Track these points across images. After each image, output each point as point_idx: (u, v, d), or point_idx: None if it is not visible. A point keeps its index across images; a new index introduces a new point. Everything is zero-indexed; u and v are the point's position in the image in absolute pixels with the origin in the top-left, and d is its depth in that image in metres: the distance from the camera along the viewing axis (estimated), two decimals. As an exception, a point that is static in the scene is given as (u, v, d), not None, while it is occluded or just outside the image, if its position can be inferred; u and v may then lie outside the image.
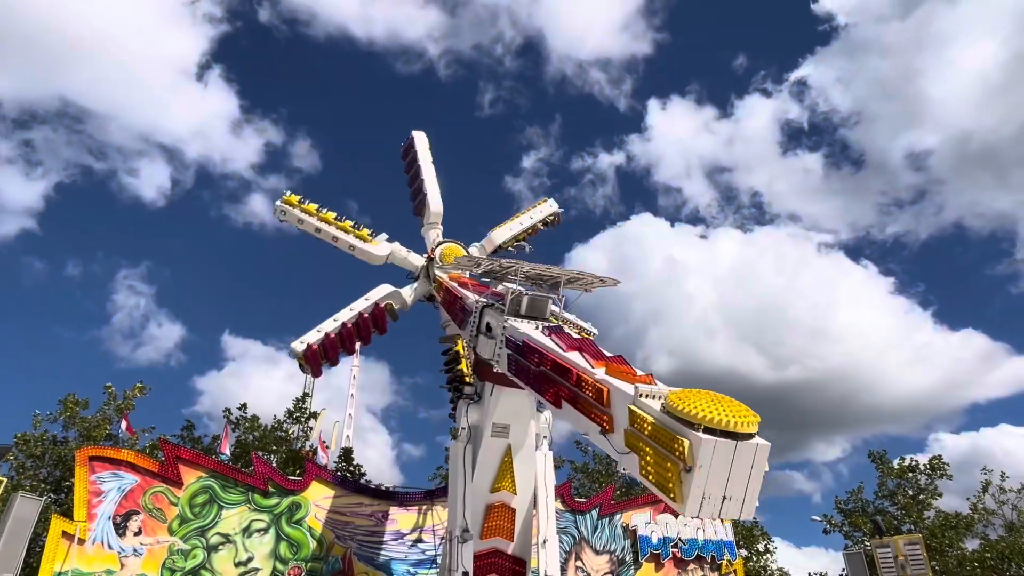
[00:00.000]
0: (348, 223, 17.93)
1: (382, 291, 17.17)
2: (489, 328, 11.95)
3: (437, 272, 16.99)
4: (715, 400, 6.25)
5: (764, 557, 32.60)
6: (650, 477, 6.41)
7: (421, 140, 20.52)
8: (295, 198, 17.65)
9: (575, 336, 10.23)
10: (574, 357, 8.88)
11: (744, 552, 26.34)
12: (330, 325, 16.06)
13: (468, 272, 14.78)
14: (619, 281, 12.86)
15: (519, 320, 11.06)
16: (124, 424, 20.28)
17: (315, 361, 15.84)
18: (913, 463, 33.31)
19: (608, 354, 8.93)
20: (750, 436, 5.95)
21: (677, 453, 5.94)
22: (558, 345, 9.62)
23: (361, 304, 16.74)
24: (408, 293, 17.78)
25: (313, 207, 17.65)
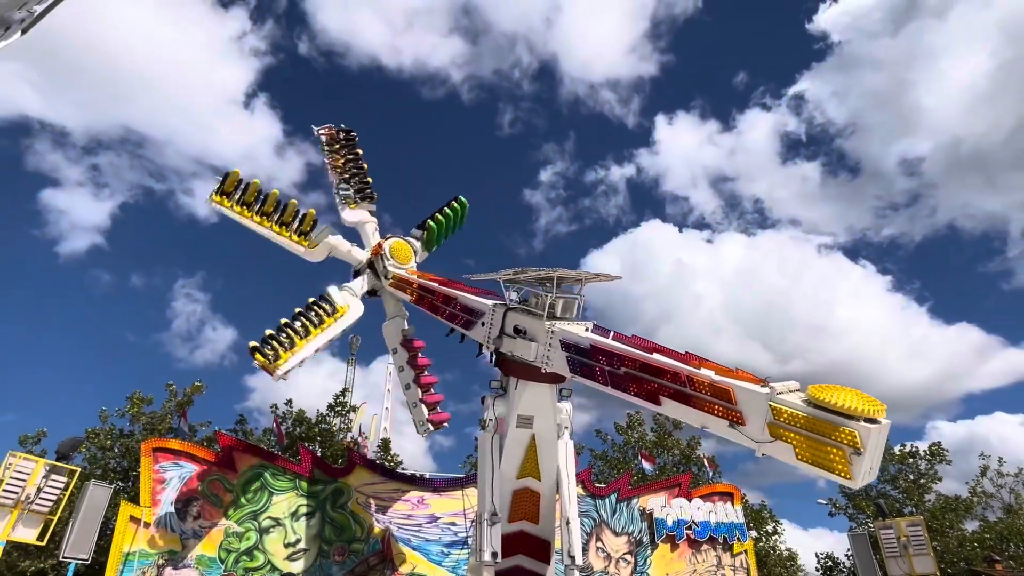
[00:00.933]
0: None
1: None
2: (517, 330, 11.99)
3: (393, 269, 16.50)
4: (853, 393, 7.48)
5: (773, 538, 32.18)
6: (807, 459, 7.47)
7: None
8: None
9: (627, 335, 10.66)
10: (662, 358, 9.54)
11: (754, 533, 26.01)
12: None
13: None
14: (619, 276, 12.80)
15: (565, 323, 11.32)
16: (183, 419, 20.63)
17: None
18: (913, 449, 32.70)
19: (680, 351, 9.72)
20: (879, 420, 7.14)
21: (846, 441, 7.05)
22: (627, 345, 10.19)
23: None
24: (359, 290, 16.51)
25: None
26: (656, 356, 9.74)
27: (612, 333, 10.90)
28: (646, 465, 26.95)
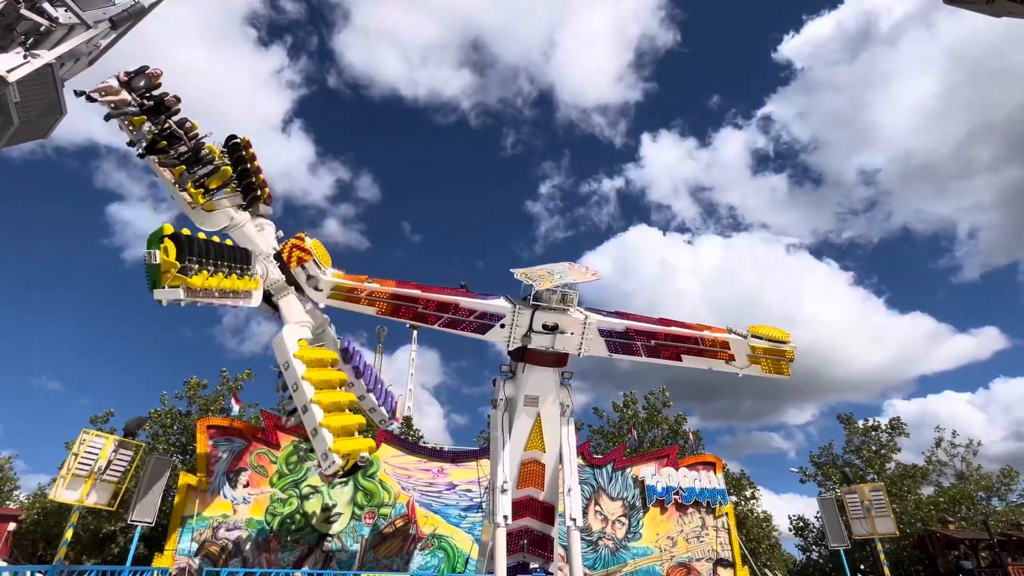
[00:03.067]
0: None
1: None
2: (546, 326, 12.12)
3: (336, 280, 11.42)
4: (777, 329, 12.39)
5: (750, 502, 32.07)
6: (770, 371, 12.25)
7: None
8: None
9: (645, 316, 12.91)
10: (678, 329, 12.44)
11: (734, 498, 25.94)
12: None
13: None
14: (598, 278, 13.20)
15: (596, 314, 12.34)
16: (234, 401, 20.77)
17: None
18: (876, 424, 32.48)
19: (682, 321, 12.76)
20: None
21: (788, 356, 12.29)
22: (650, 323, 12.52)
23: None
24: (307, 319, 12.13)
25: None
26: (674, 328, 12.40)
27: (635, 316, 12.69)
28: (634, 438, 27.15)
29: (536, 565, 13.90)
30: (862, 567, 27.11)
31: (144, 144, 11.54)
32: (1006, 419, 77.28)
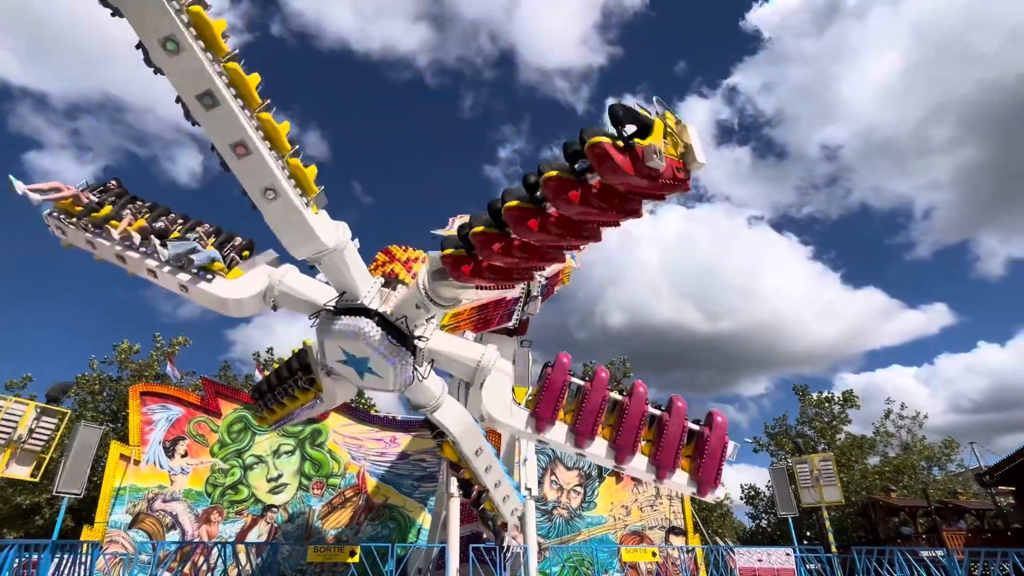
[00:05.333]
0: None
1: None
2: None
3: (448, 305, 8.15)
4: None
5: (705, 472, 33.45)
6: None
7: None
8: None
9: None
10: None
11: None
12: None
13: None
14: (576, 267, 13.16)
15: None
16: (170, 366, 20.23)
17: None
18: (829, 396, 34.21)
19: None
20: None
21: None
22: None
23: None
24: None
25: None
26: None
27: None
28: None
29: (490, 535, 14.27)
30: (808, 534, 28.94)
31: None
32: (947, 393, 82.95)
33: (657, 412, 8.17)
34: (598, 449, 7.98)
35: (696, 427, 8.20)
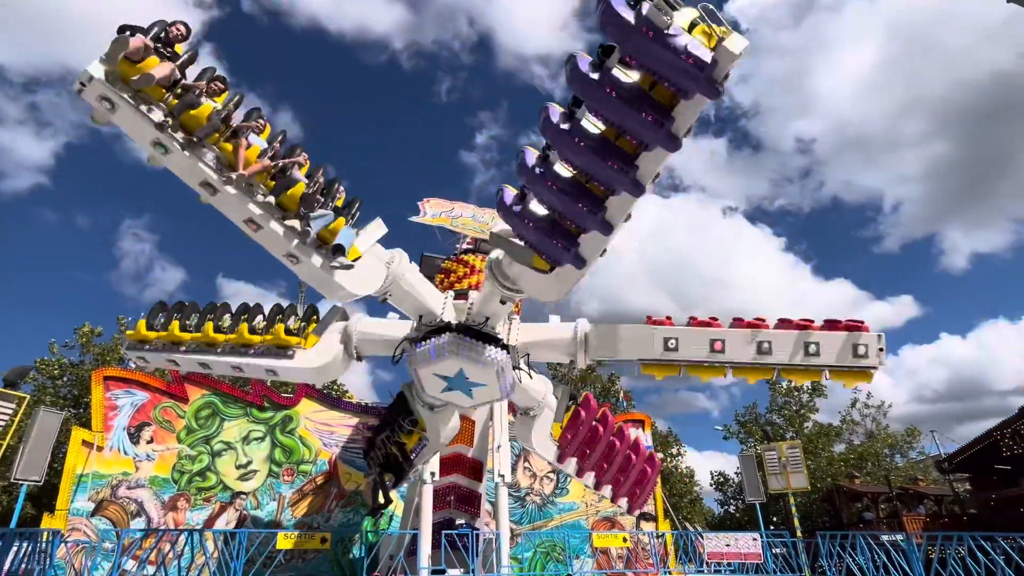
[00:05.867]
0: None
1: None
2: None
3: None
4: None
5: (676, 459, 34.21)
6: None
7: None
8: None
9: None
10: None
11: (660, 455, 27.59)
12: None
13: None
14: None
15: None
16: (134, 349, 19.75)
17: None
18: (798, 384, 35.02)
19: None
20: None
21: None
22: None
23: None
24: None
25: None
26: None
27: None
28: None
29: (462, 521, 14.36)
30: (775, 519, 29.75)
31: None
32: (911, 383, 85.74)
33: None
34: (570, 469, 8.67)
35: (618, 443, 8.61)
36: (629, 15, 4.11)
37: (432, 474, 12.33)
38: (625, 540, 17.09)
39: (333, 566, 12.61)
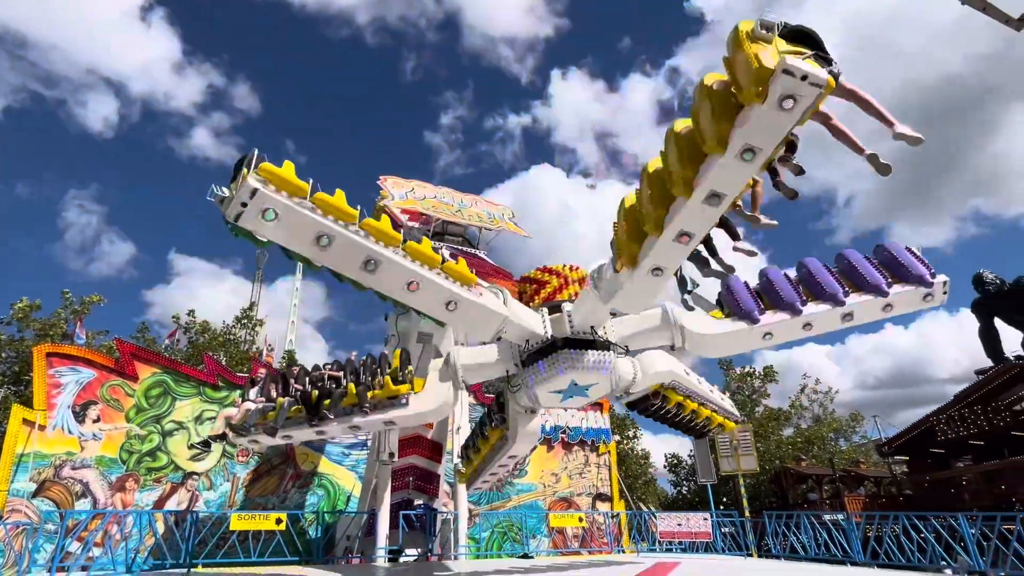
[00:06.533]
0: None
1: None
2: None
3: None
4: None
5: (632, 442, 34.97)
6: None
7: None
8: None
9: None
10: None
11: (617, 437, 28.16)
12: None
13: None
14: (528, 235, 13.54)
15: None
16: (79, 326, 19.01)
17: None
18: (751, 371, 36.18)
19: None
20: None
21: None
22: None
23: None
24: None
25: None
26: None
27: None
28: None
29: (421, 501, 14.42)
30: (725, 500, 30.82)
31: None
32: (855, 371, 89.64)
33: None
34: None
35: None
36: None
37: (391, 455, 12.31)
38: (581, 520, 17.46)
39: (288, 547, 12.50)
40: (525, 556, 14.83)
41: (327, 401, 8.09)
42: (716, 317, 8.56)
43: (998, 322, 24.50)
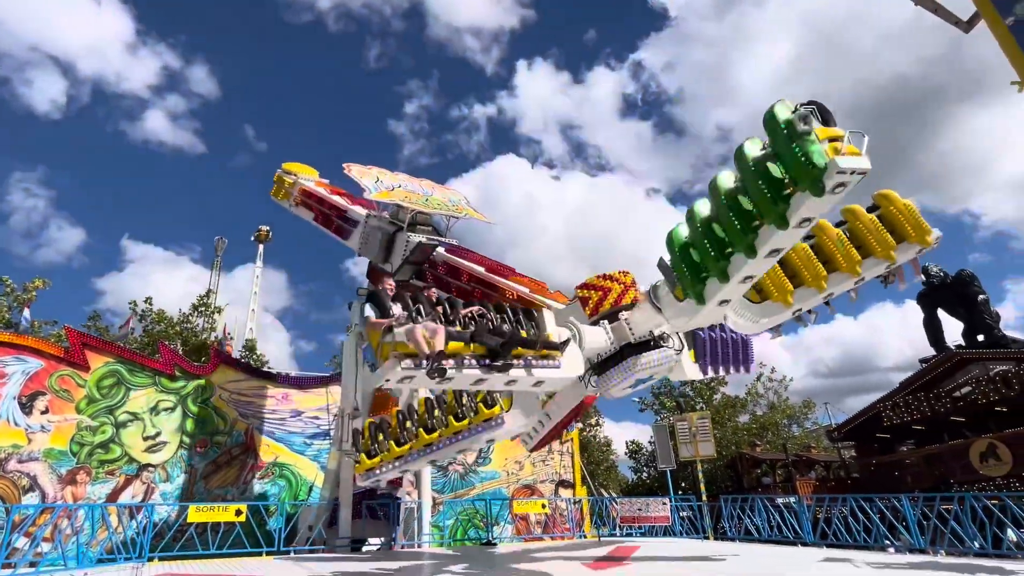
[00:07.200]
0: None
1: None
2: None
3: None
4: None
5: (595, 429, 35.47)
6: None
7: None
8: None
9: (483, 256, 12.59)
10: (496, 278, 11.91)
11: (579, 425, 28.56)
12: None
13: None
14: (492, 221, 13.62)
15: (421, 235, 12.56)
16: (26, 313, 18.20)
17: None
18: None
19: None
20: None
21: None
22: (472, 260, 12.30)
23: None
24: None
25: None
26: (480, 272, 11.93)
27: (471, 255, 12.49)
28: None
29: (383, 491, 14.35)
30: (683, 485, 31.60)
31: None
32: (808, 359, 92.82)
33: None
34: None
35: None
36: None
37: (353, 445, 12.18)
38: (544, 507, 17.66)
39: (249, 539, 12.29)
40: (489, 543, 14.93)
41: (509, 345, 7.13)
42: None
43: (941, 313, 25.66)
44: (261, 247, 50.83)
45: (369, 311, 6.76)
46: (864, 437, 27.01)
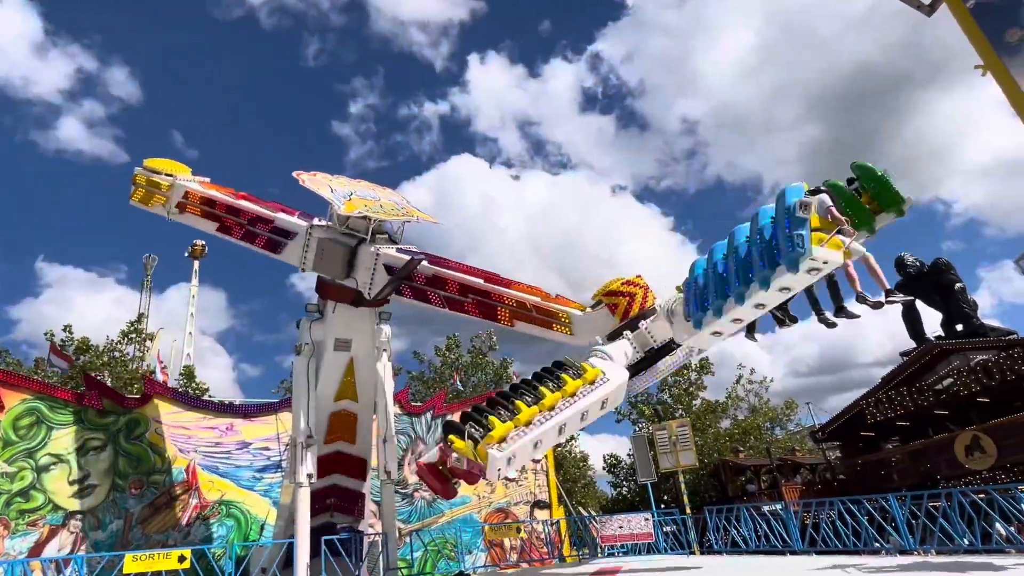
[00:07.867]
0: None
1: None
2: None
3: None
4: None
5: (570, 443, 35.61)
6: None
7: None
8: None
9: (460, 263, 12.60)
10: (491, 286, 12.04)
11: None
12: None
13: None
14: (437, 221, 13.73)
15: (391, 247, 12.18)
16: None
17: None
18: (686, 363, 37.58)
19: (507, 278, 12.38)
20: None
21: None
22: (459, 271, 12.13)
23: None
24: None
25: None
26: (476, 281, 11.90)
27: (448, 262, 12.35)
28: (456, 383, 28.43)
29: (344, 525, 14.09)
30: (665, 497, 31.95)
31: None
32: (787, 358, 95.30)
33: None
34: None
35: None
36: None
37: (309, 475, 11.95)
38: (519, 531, 17.61)
39: (194, 587, 11.88)
40: (461, 574, 14.80)
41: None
42: None
43: (920, 304, 26.67)
44: (196, 263, 49.61)
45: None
46: (849, 436, 27.82)
